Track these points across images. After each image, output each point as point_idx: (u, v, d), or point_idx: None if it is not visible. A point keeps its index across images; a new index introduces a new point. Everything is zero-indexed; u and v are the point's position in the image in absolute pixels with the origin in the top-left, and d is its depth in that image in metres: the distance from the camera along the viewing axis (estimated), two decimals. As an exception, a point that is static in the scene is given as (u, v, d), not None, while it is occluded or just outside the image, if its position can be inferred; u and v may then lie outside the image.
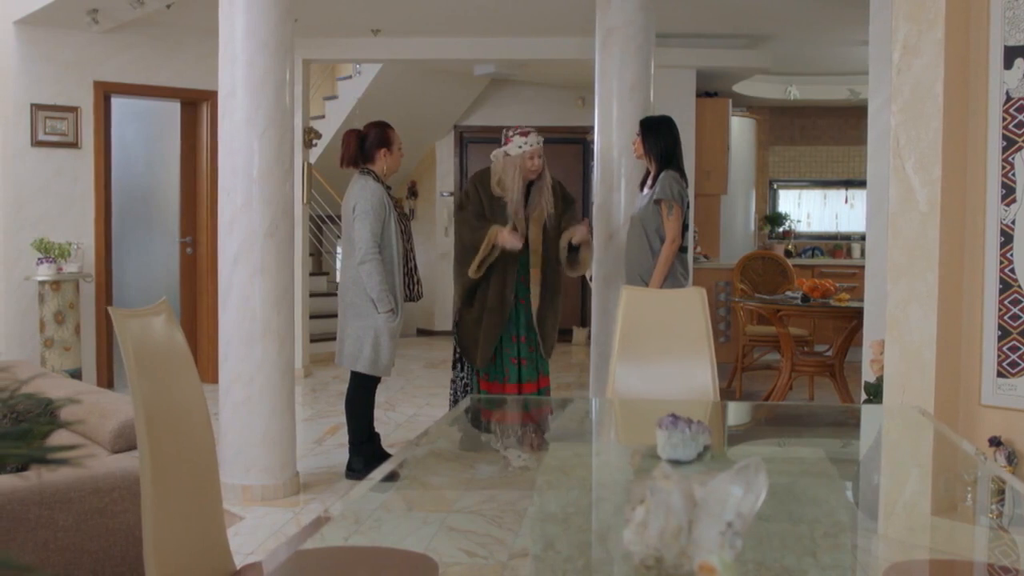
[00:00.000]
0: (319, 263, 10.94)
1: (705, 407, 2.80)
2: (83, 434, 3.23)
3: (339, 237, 11.04)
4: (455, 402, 5.32)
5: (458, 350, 5.27)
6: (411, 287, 5.07)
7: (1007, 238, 3.23)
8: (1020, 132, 3.23)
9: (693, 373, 2.93)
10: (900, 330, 3.37)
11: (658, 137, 5.11)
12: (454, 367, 5.32)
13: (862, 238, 10.31)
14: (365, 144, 5.00)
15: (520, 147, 5.04)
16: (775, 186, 10.98)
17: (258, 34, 4.50)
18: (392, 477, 2.25)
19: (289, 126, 4.67)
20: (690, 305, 2.96)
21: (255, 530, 4.16)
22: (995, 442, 3.24)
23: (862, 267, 9.08)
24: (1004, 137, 3.25)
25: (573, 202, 5.39)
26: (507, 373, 5.01)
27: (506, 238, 4.95)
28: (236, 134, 4.54)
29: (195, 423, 2.13)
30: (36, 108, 6.92)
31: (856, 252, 9.99)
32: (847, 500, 2.23)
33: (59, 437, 3.24)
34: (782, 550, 1.53)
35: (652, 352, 2.97)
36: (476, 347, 5.08)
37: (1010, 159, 3.24)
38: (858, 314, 6.13)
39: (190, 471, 2.09)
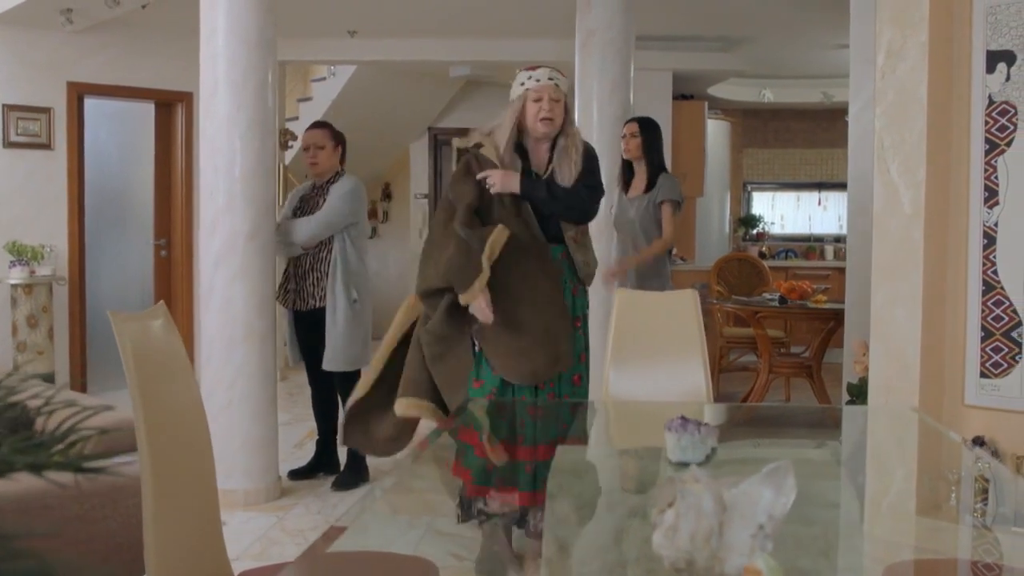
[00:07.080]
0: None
1: (699, 409, 2.81)
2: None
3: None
4: None
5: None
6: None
7: (990, 240, 3.27)
8: (1002, 135, 3.27)
9: (686, 375, 2.94)
10: (885, 331, 3.40)
11: (654, 139, 5.14)
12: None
13: (835, 240, 10.39)
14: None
15: (522, 84, 3.37)
16: (749, 188, 11.05)
17: (240, 31, 4.42)
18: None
19: (272, 125, 4.60)
20: (682, 307, 2.97)
21: (239, 535, 4.10)
22: (979, 442, 3.28)
23: (836, 269, 9.17)
24: (987, 140, 3.29)
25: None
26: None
27: (499, 179, 3.29)
28: (218, 133, 4.46)
29: (193, 427, 2.10)
30: (8, 109, 6.81)
31: (829, 254, 10.06)
32: (858, 501, 2.25)
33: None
34: (796, 552, 1.54)
35: (645, 354, 2.98)
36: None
37: (993, 162, 3.28)
38: (835, 315, 6.17)
39: (188, 475, 2.07)
